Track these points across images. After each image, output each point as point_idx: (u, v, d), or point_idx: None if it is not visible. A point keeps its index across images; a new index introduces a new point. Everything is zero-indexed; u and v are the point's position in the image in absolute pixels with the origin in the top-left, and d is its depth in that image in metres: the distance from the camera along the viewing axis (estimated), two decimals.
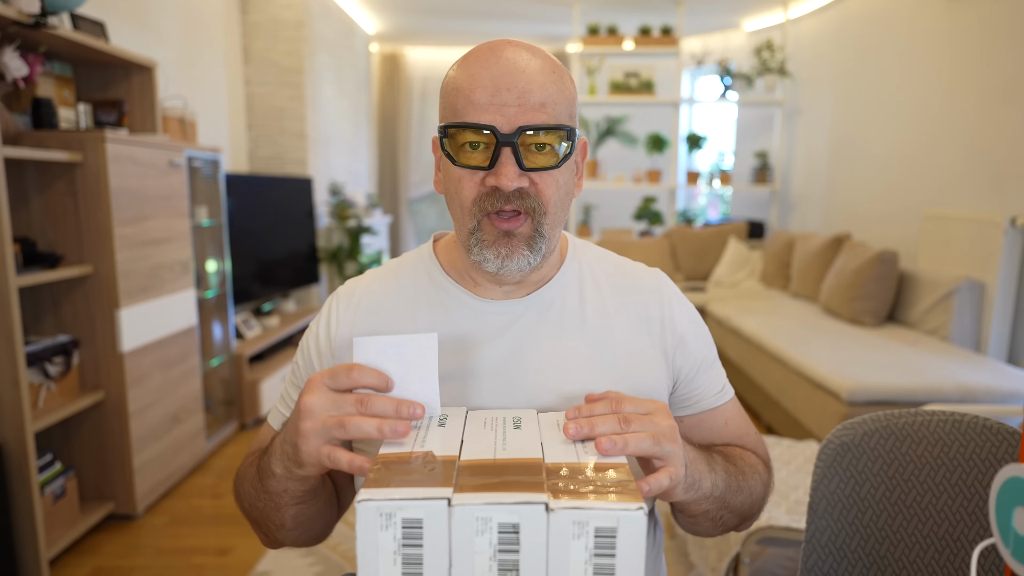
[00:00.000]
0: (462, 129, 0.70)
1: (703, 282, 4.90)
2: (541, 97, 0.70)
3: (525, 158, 0.70)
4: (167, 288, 2.53)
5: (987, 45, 3.12)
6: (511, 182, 0.69)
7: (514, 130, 0.69)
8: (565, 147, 0.72)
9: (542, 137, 0.70)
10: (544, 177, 0.72)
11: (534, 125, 0.69)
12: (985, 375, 2.49)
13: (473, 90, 0.70)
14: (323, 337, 0.83)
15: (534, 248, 0.73)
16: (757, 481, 0.81)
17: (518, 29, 6.03)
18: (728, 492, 0.74)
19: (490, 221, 0.72)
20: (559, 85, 0.72)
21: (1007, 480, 0.55)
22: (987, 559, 0.83)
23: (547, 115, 0.70)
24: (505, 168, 0.69)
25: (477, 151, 0.71)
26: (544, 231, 0.73)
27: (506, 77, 0.69)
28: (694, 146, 5.26)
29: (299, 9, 4.29)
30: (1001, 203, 2.98)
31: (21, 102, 2.22)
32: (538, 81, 0.70)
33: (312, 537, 0.82)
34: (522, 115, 0.69)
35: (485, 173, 0.71)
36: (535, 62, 0.71)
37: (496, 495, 0.51)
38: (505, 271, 0.73)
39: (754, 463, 0.83)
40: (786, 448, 2.04)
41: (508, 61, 0.70)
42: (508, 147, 0.69)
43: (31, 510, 1.89)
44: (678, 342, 0.83)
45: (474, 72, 0.70)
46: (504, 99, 0.69)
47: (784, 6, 5.11)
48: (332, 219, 4.79)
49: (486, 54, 0.71)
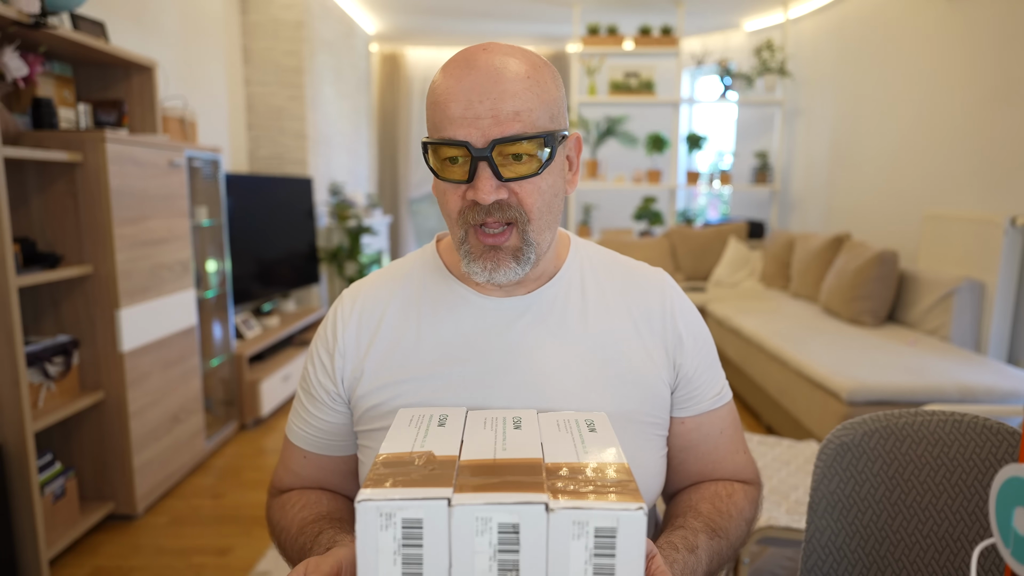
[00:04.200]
0: (440, 145, 0.70)
1: (703, 282, 4.90)
2: (515, 106, 0.69)
3: (503, 168, 0.70)
4: (167, 288, 2.53)
5: (987, 45, 3.12)
6: (488, 195, 0.69)
7: (487, 144, 0.68)
8: (546, 152, 0.71)
9: (519, 146, 0.69)
10: (524, 186, 0.71)
11: (508, 136, 0.68)
12: (985, 375, 2.49)
13: (447, 104, 0.70)
14: (330, 341, 0.83)
15: (521, 259, 0.74)
16: (742, 527, 0.82)
17: (518, 29, 6.02)
18: (713, 563, 0.75)
19: (475, 234, 0.73)
20: (536, 90, 0.70)
21: (1007, 480, 0.55)
22: (987, 559, 0.83)
23: (523, 123, 0.69)
24: (481, 183, 0.69)
25: (457, 165, 0.71)
26: (531, 238, 0.73)
27: (478, 89, 0.69)
28: (694, 146, 5.26)
29: (299, 9, 4.29)
30: (1001, 203, 2.98)
31: (21, 102, 2.22)
32: (511, 89, 0.69)
33: None
34: (495, 127, 0.68)
35: (465, 187, 0.71)
36: (511, 68, 0.70)
37: (496, 495, 0.51)
38: (494, 281, 0.74)
39: (739, 504, 0.83)
40: (786, 448, 2.04)
41: (481, 71, 0.69)
42: (483, 161, 0.69)
43: (31, 510, 1.89)
44: (680, 341, 0.82)
45: (449, 84, 0.70)
46: (477, 112, 0.68)
47: (784, 6, 5.11)
48: (332, 219, 4.79)
49: (461, 64, 0.71)
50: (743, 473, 0.88)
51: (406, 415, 0.69)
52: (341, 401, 0.83)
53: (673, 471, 0.87)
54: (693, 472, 0.87)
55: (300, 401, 0.86)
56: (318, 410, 0.84)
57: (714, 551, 0.75)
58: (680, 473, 0.87)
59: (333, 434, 0.85)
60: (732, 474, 0.87)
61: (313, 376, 0.84)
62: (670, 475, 0.87)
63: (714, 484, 0.85)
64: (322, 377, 0.83)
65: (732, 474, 0.87)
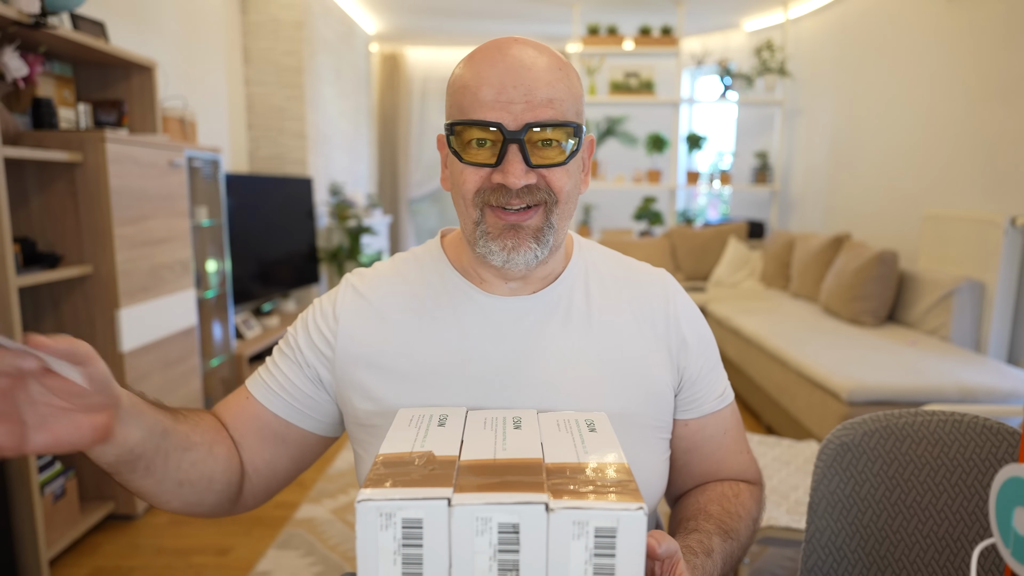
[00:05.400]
0: (469, 126, 0.70)
1: (703, 282, 4.90)
2: (548, 93, 0.69)
3: (532, 154, 0.70)
4: (167, 288, 2.53)
5: (987, 45, 3.12)
6: (518, 179, 0.69)
7: (521, 127, 0.69)
8: (572, 144, 0.72)
9: (549, 133, 0.70)
10: (554, 171, 0.72)
11: (541, 122, 0.69)
12: (985, 375, 2.49)
13: (479, 87, 0.69)
14: (329, 315, 0.81)
15: (541, 241, 0.73)
16: (750, 527, 0.82)
17: (518, 29, 6.03)
18: (726, 565, 0.75)
19: (494, 213, 0.72)
20: (566, 82, 0.72)
21: (1007, 480, 0.55)
22: (987, 559, 0.83)
23: (554, 111, 0.70)
24: (512, 166, 0.69)
25: (484, 148, 0.70)
26: (554, 221, 0.73)
27: (512, 75, 0.69)
28: (694, 146, 5.26)
29: (299, 9, 4.29)
30: (1001, 203, 2.98)
31: (21, 102, 2.22)
32: (545, 78, 0.70)
33: (173, 506, 0.74)
34: (529, 112, 0.69)
35: (492, 170, 0.71)
36: (542, 59, 0.71)
37: (496, 495, 0.51)
38: (511, 265, 0.73)
39: (746, 504, 0.83)
40: (786, 448, 2.04)
41: (515, 59, 0.70)
42: (515, 144, 0.69)
43: (31, 510, 1.89)
44: (684, 344, 0.82)
45: (480, 70, 0.70)
46: (511, 96, 0.69)
47: (784, 6, 5.11)
48: (332, 219, 4.79)
49: (493, 52, 0.71)
50: (746, 473, 0.88)
51: (406, 415, 0.69)
52: (317, 379, 0.81)
53: (677, 473, 0.86)
54: (697, 473, 0.87)
55: (272, 359, 0.84)
56: (288, 368, 0.82)
57: (727, 552, 0.75)
58: (684, 475, 0.87)
59: (289, 393, 0.81)
60: (736, 474, 0.87)
61: (296, 341, 0.82)
62: (674, 477, 0.87)
63: (720, 485, 0.85)
64: (306, 351, 0.81)
65: (736, 474, 0.87)
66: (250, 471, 0.81)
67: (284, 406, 0.81)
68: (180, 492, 0.73)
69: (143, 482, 0.70)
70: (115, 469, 0.67)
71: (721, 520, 0.78)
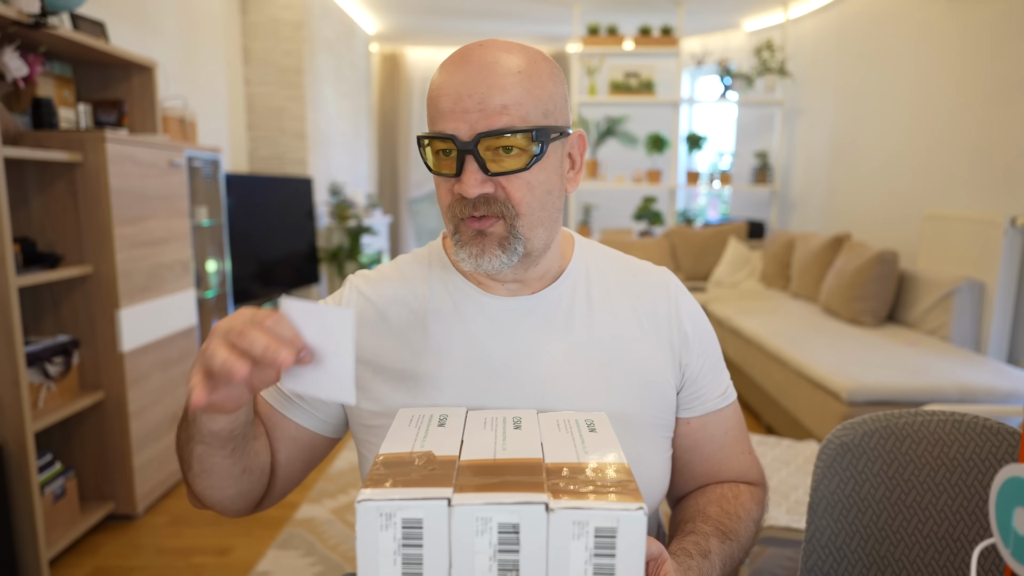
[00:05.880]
0: (432, 139, 0.71)
1: (703, 282, 4.90)
2: (503, 100, 0.68)
3: (491, 162, 0.70)
4: (167, 288, 2.53)
5: (987, 45, 3.12)
6: (473, 189, 0.70)
7: (472, 137, 0.69)
8: (535, 147, 0.70)
9: (506, 140, 0.69)
10: (512, 180, 0.71)
11: (493, 130, 0.68)
12: (985, 375, 2.49)
13: (439, 98, 0.71)
14: None
15: (507, 249, 0.73)
16: (751, 528, 0.82)
17: (518, 29, 6.03)
18: (725, 567, 0.75)
19: (465, 223, 0.73)
20: (527, 84, 0.70)
21: (1007, 480, 0.55)
22: (987, 559, 0.83)
23: (510, 117, 0.69)
24: (467, 175, 0.70)
25: (448, 158, 0.71)
26: (519, 232, 0.73)
27: (469, 83, 0.69)
28: (694, 146, 5.26)
29: (299, 9, 4.29)
30: (1001, 203, 2.98)
31: (21, 102, 2.22)
32: (500, 83, 0.69)
33: (220, 496, 0.76)
34: (483, 121, 0.68)
35: (454, 180, 0.72)
36: (504, 63, 0.70)
37: (496, 495, 0.51)
38: (481, 269, 0.74)
39: (746, 505, 0.83)
40: (786, 448, 2.04)
41: (473, 66, 0.70)
42: (469, 154, 0.69)
43: (31, 510, 1.89)
44: (686, 341, 0.82)
45: (444, 79, 0.71)
46: (466, 105, 0.69)
47: (784, 6, 5.11)
48: (332, 219, 4.79)
49: (456, 60, 0.71)
50: (749, 474, 0.88)
51: (406, 415, 0.69)
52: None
53: (678, 472, 0.86)
54: (699, 473, 0.86)
55: None
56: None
57: (726, 554, 0.75)
58: (685, 475, 0.87)
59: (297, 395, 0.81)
60: (738, 475, 0.87)
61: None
62: (675, 477, 0.86)
63: (720, 487, 0.85)
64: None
65: (738, 475, 0.87)
66: (275, 469, 0.82)
67: (294, 408, 0.82)
68: (241, 480, 0.75)
69: (223, 463, 0.71)
70: (211, 440, 0.68)
71: (719, 521, 0.78)
